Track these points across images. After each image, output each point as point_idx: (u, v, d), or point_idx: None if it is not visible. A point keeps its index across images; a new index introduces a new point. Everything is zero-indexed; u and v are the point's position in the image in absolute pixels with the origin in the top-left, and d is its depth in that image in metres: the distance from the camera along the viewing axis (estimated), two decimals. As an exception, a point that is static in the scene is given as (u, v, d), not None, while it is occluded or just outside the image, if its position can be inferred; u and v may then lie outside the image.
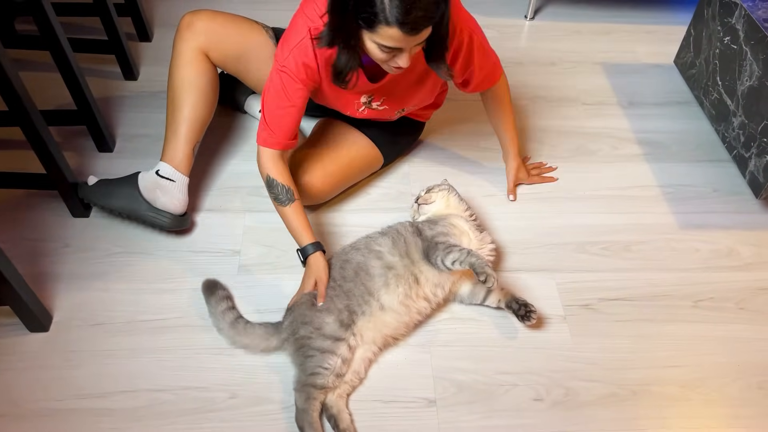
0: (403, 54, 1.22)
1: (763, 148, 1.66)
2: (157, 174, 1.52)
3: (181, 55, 1.55)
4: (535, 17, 2.44)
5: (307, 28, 1.33)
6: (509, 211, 1.72)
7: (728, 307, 1.54)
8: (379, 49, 1.21)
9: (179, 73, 1.55)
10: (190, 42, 1.54)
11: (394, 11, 1.11)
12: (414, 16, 1.12)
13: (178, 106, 1.55)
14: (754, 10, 1.74)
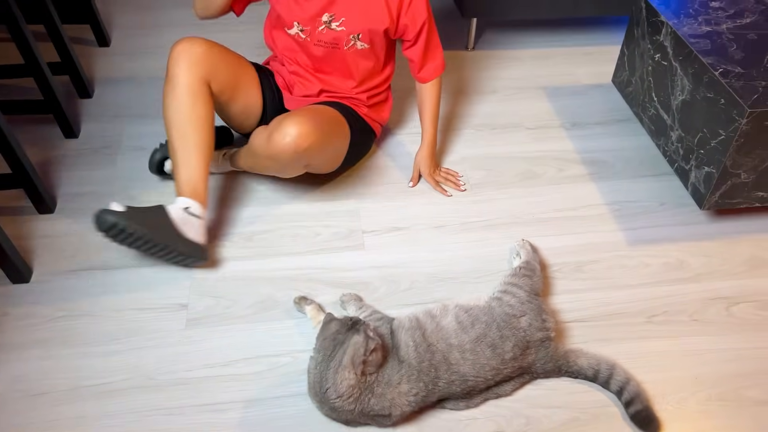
0: None
1: (701, 159, 1.69)
2: (186, 211, 1.50)
3: (184, 85, 1.52)
4: (475, 47, 2.48)
5: None
6: (459, 241, 1.71)
7: (682, 320, 1.55)
8: None
9: (184, 103, 1.52)
10: (193, 71, 1.53)
11: None
12: None
13: (185, 135, 1.53)
14: (680, 27, 1.78)
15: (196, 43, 1.55)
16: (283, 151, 1.51)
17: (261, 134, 1.55)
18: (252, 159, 1.65)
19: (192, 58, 1.53)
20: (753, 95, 1.54)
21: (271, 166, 1.60)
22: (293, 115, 1.52)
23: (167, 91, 1.54)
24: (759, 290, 1.62)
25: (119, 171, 1.87)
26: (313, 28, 1.64)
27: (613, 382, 1.36)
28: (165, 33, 2.47)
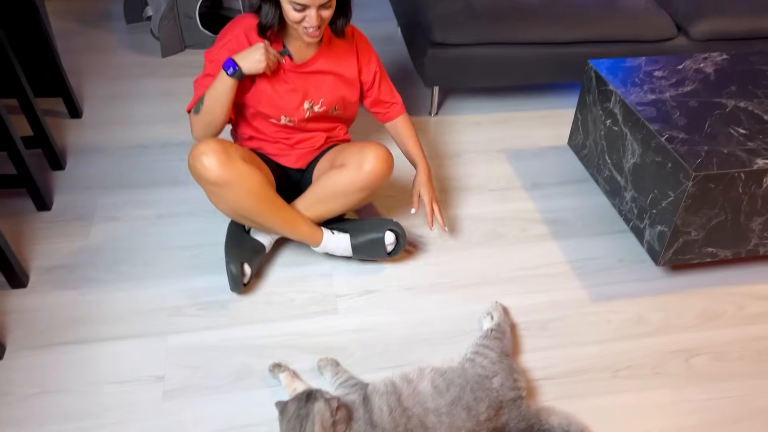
0: (311, 11, 1.51)
1: (654, 218, 1.79)
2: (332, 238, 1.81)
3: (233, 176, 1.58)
4: (438, 113, 2.59)
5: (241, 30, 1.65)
6: (430, 302, 1.77)
7: (645, 373, 1.62)
8: (292, 7, 1.51)
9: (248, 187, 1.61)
10: (229, 162, 1.58)
11: None
12: None
13: (272, 205, 1.68)
14: (627, 96, 1.92)
15: (206, 142, 1.58)
16: (380, 175, 1.72)
17: (346, 173, 1.71)
18: (331, 203, 1.76)
19: (217, 151, 1.57)
20: (697, 159, 1.66)
21: (357, 199, 1.76)
22: (367, 145, 1.72)
23: (221, 194, 1.61)
24: (714, 341, 1.71)
25: (92, 242, 1.89)
26: (299, 117, 1.76)
27: None
28: (135, 103, 2.53)
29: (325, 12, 1.55)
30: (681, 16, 2.55)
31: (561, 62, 2.48)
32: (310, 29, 1.56)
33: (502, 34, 2.38)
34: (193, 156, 1.58)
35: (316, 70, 1.73)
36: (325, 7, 1.54)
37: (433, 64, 2.41)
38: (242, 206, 1.63)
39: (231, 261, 1.70)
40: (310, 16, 1.53)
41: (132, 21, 3.10)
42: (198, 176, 1.59)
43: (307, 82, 1.73)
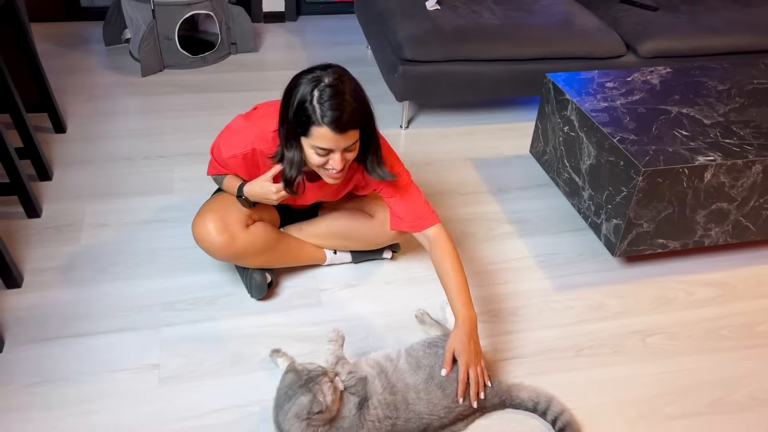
0: (335, 155, 1.43)
1: (609, 213, 1.96)
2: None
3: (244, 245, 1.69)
4: (409, 126, 2.75)
5: (252, 145, 1.58)
6: (407, 294, 1.90)
7: (606, 352, 1.77)
8: (315, 152, 1.43)
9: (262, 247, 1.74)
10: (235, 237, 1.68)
11: (323, 113, 1.36)
12: (338, 114, 1.36)
13: (285, 248, 1.83)
14: (582, 104, 2.10)
15: (205, 223, 1.66)
16: (402, 235, 1.82)
17: (372, 225, 1.82)
18: (350, 242, 1.90)
19: (220, 231, 1.66)
20: (645, 157, 1.84)
21: (374, 246, 1.91)
22: None
23: (234, 261, 1.76)
24: (667, 323, 1.87)
25: (83, 247, 1.98)
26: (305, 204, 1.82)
27: (549, 412, 1.54)
28: (118, 119, 2.63)
29: (349, 155, 1.47)
30: (629, 36, 2.78)
31: (521, 78, 2.67)
32: (333, 172, 1.48)
33: (467, 52, 2.56)
34: (198, 237, 1.68)
35: (331, 184, 1.63)
36: (349, 149, 1.46)
37: (403, 80, 2.57)
38: (254, 263, 1.78)
39: (256, 271, 1.80)
40: (334, 159, 1.44)
41: (110, 43, 3.20)
42: (208, 252, 1.71)
43: (319, 192, 1.73)
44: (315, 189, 1.71)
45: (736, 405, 1.64)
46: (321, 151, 1.43)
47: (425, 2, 2.73)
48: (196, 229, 1.68)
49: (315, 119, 1.37)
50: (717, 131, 2.00)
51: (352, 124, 1.40)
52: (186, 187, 2.26)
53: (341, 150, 1.43)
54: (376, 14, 2.82)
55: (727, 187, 1.91)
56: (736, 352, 1.79)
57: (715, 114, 2.10)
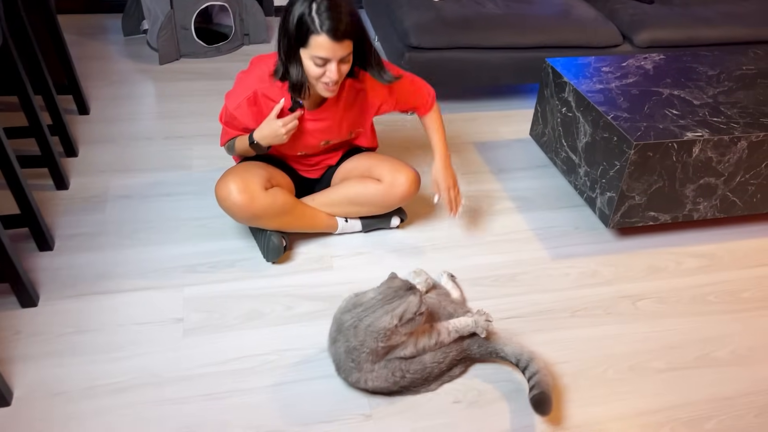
0: (331, 64, 1.60)
1: (603, 187, 2.09)
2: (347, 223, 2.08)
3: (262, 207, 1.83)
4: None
5: (252, 88, 1.75)
6: (414, 262, 2.02)
7: (598, 313, 1.89)
8: (313, 62, 1.60)
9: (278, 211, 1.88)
10: (255, 197, 1.82)
11: (322, 22, 1.54)
12: (335, 24, 1.54)
13: (296, 215, 1.94)
14: (579, 85, 2.23)
15: (228, 183, 1.81)
16: (409, 196, 1.98)
17: (381, 188, 1.96)
18: (359, 208, 2.02)
19: (241, 191, 1.80)
20: (637, 132, 1.96)
21: (382, 210, 2.03)
22: (401, 167, 1.97)
23: (252, 222, 1.88)
24: (657, 289, 1.99)
25: (109, 216, 2.11)
26: (315, 149, 1.97)
27: (528, 369, 1.63)
28: (138, 102, 2.76)
29: (344, 67, 1.63)
30: (626, 26, 2.91)
31: (522, 65, 2.80)
32: (329, 84, 1.64)
33: (470, 40, 2.69)
34: (220, 197, 1.83)
35: (330, 116, 1.85)
36: (344, 60, 1.62)
37: (409, 66, 2.70)
38: (271, 225, 1.91)
39: (273, 234, 1.92)
40: (330, 70, 1.60)
41: (129, 34, 3.35)
42: (229, 213, 1.85)
43: (322, 125, 1.86)
44: (319, 127, 1.86)
45: (720, 360, 1.76)
46: (319, 61, 1.60)
47: (431, -6, 2.86)
48: (219, 190, 1.82)
49: (314, 29, 1.55)
50: (705, 111, 2.12)
51: (347, 33, 1.58)
52: (204, 164, 2.39)
53: (337, 60, 1.60)
54: (384, 5, 2.95)
55: (714, 162, 2.03)
56: (721, 315, 1.91)
57: (705, 96, 2.22)
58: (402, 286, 1.53)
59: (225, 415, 1.52)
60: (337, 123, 1.89)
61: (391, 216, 2.09)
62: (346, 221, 2.06)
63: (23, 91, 2.01)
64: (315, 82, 1.67)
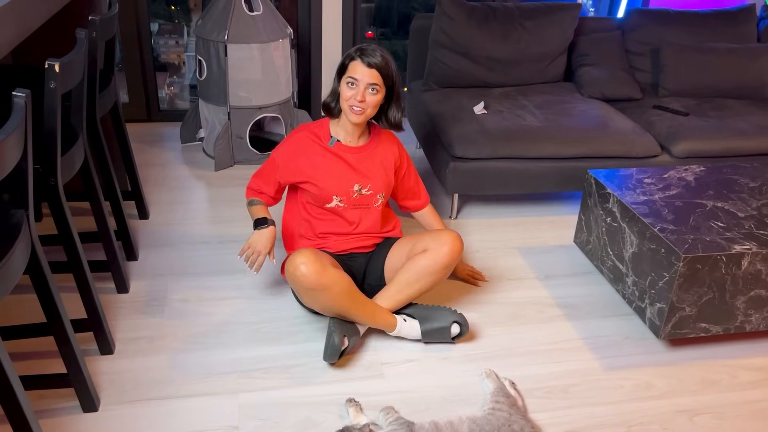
0: (359, 85, 1.96)
1: (653, 297, 2.10)
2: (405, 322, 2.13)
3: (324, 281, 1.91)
4: (457, 216, 2.97)
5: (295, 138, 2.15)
6: (465, 370, 2.03)
7: (655, 428, 1.86)
8: (347, 83, 1.98)
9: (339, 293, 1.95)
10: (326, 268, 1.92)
11: (359, 53, 1.98)
12: (369, 57, 1.96)
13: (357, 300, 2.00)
14: (623, 197, 2.29)
15: (302, 253, 1.92)
16: (458, 252, 2.08)
17: (431, 255, 2.06)
18: (414, 286, 2.07)
19: (313, 261, 1.90)
20: (685, 245, 2.00)
21: (439, 279, 2.09)
22: (441, 231, 2.14)
23: (317, 297, 1.94)
24: (713, 404, 1.95)
25: (167, 319, 2.18)
26: (348, 198, 2.11)
27: None
28: (194, 207, 2.90)
29: (370, 97, 1.98)
30: (663, 137, 3.00)
31: (562, 174, 2.89)
32: (355, 107, 1.97)
33: (512, 150, 2.80)
34: (292, 266, 1.91)
35: (367, 156, 2.13)
36: (372, 90, 1.97)
37: (453, 175, 2.81)
38: (334, 305, 1.96)
39: (336, 331, 1.96)
40: (358, 91, 1.95)
41: (186, 141, 3.55)
42: (297, 283, 1.93)
43: (357, 165, 2.11)
44: (355, 168, 2.11)
45: (786, 482, 1.70)
46: (350, 80, 1.97)
47: (473, 108, 3.02)
48: (289, 266, 1.93)
49: (351, 57, 1.99)
50: (751, 223, 2.16)
51: (378, 67, 1.96)
52: (257, 268, 2.47)
53: (365, 83, 1.95)
54: (428, 117, 3.11)
55: (764, 274, 2.04)
56: (784, 432, 1.86)
57: (749, 208, 2.26)
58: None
59: None
60: (369, 170, 2.13)
61: (451, 322, 2.08)
62: (405, 321, 2.09)
63: (96, 199, 2.15)
64: (346, 108, 2.00)
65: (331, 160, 2.10)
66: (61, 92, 1.68)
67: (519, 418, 1.72)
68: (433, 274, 2.07)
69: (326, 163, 2.10)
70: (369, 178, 2.13)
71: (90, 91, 2.13)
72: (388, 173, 2.18)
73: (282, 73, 3.25)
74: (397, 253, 2.18)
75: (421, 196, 2.38)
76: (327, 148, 2.10)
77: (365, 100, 1.97)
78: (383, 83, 1.99)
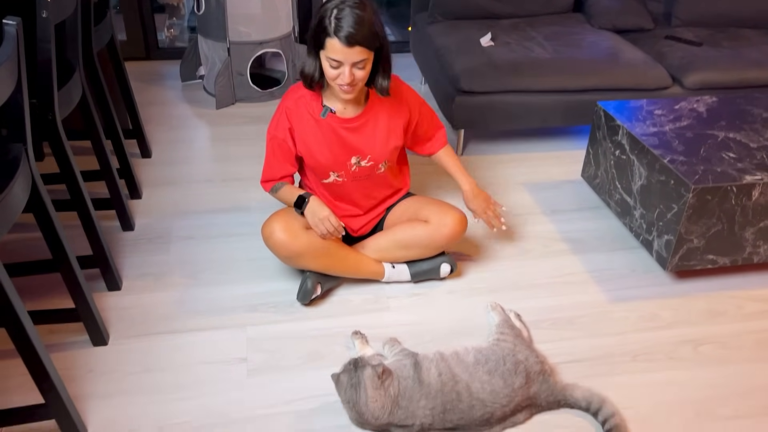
0: (344, 68, 1.67)
1: (660, 230, 2.08)
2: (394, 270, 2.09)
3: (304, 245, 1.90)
4: (463, 153, 2.92)
5: (284, 108, 1.88)
6: (470, 303, 2.04)
7: (660, 358, 1.87)
8: (329, 64, 1.69)
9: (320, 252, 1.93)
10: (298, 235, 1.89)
11: (336, 27, 1.63)
12: (349, 30, 1.62)
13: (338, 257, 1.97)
14: (633, 128, 2.24)
15: (273, 222, 1.90)
16: (457, 236, 2.01)
17: (429, 229, 1.99)
18: (408, 251, 2.04)
19: (284, 230, 1.88)
20: (695, 176, 1.96)
21: (431, 252, 2.05)
22: (448, 208, 2.02)
23: (294, 262, 1.93)
24: (718, 334, 1.96)
25: (173, 256, 2.18)
26: (346, 172, 1.95)
27: (601, 413, 1.64)
28: (197, 146, 2.87)
29: (358, 72, 1.70)
30: (675, 69, 2.92)
31: (571, 108, 2.83)
32: (344, 86, 1.72)
33: (520, 83, 2.74)
34: (268, 230, 1.90)
35: (364, 126, 1.89)
36: (359, 66, 1.69)
37: (459, 110, 2.76)
38: (313, 267, 1.95)
39: (309, 278, 1.96)
40: (344, 73, 1.68)
41: (186, 80, 3.49)
42: (272, 249, 1.92)
43: (354, 138, 1.89)
44: (353, 139, 1.89)
45: (789, 409, 1.72)
46: (333, 63, 1.67)
47: (480, 40, 2.93)
48: (264, 230, 1.91)
49: (329, 31, 1.64)
50: (763, 154, 2.11)
51: (361, 41, 1.64)
52: (261, 205, 2.46)
53: (350, 64, 1.67)
54: (434, 51, 3.03)
55: (774, 205, 2.02)
56: (788, 361, 1.87)
57: (761, 138, 2.22)
58: (350, 376, 1.57)
59: (291, 456, 1.54)
60: (368, 140, 1.91)
61: (440, 264, 2.10)
62: (393, 267, 2.08)
63: (97, 137, 2.12)
64: (332, 84, 1.75)
65: (324, 134, 1.88)
66: (54, 22, 1.63)
67: (524, 348, 1.73)
68: (426, 248, 2.03)
69: (318, 138, 1.88)
70: (368, 149, 1.92)
71: (85, 23, 2.07)
72: (393, 139, 1.95)
73: (282, 7, 3.15)
74: (401, 210, 2.09)
75: (435, 139, 2.14)
76: (318, 120, 1.86)
77: (354, 80, 1.71)
78: (370, 50, 1.70)
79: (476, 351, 1.71)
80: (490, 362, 1.66)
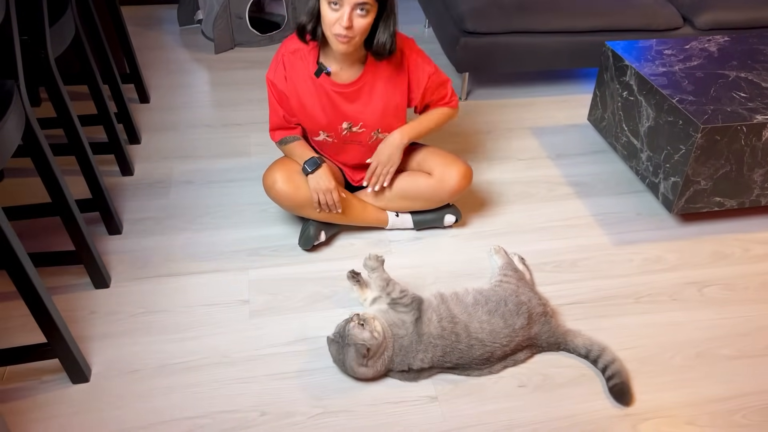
0: (345, 9, 1.54)
1: (667, 172, 2.05)
2: None
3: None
4: (468, 98, 2.87)
5: (281, 54, 1.80)
6: (473, 246, 2.02)
7: (663, 300, 1.86)
8: (329, 6, 1.56)
9: None
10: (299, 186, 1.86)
11: None
12: None
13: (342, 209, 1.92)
14: (641, 69, 2.18)
15: (273, 172, 1.87)
16: (460, 191, 1.94)
17: (432, 182, 1.93)
18: (412, 202, 1.99)
19: (285, 180, 1.85)
20: (704, 116, 1.92)
21: (434, 205, 2.01)
22: (454, 160, 1.94)
23: (296, 211, 1.92)
24: (722, 276, 1.95)
25: (173, 201, 2.16)
26: (336, 134, 1.88)
27: (600, 360, 1.63)
28: (196, 91, 2.82)
29: (358, 20, 1.57)
30: (686, 8, 2.83)
31: (578, 49, 2.76)
32: (341, 36, 1.58)
33: (526, 24, 2.66)
34: (270, 180, 1.87)
35: (358, 93, 1.79)
36: (360, 12, 1.56)
37: (464, 52, 2.69)
38: (316, 216, 1.93)
39: (312, 224, 1.95)
40: (342, 16, 1.55)
41: (184, 24, 3.41)
42: (273, 199, 1.90)
43: (348, 103, 1.80)
44: (346, 106, 1.81)
45: (792, 349, 1.72)
46: (333, 5, 1.55)
47: (485, -22, 2.83)
48: (265, 179, 1.87)
49: None
50: (775, 93, 2.06)
51: None
52: (262, 151, 2.43)
53: (353, 3, 1.54)
54: (437, -9, 2.94)
55: (785, 145, 1.97)
56: (793, 303, 1.86)
57: (774, 78, 2.15)
58: (337, 350, 1.56)
59: (293, 394, 1.55)
60: (363, 107, 1.82)
61: (444, 214, 2.07)
62: (397, 216, 2.05)
63: (93, 80, 2.07)
64: (330, 34, 1.61)
65: (317, 94, 1.79)
66: (43, -45, 1.57)
67: (527, 290, 1.72)
68: (428, 200, 1.98)
69: (311, 95, 1.79)
70: (361, 116, 1.83)
71: (76, -40, 2.00)
72: (393, 109, 1.84)
73: (281, -54, 3.05)
74: (405, 156, 1.95)
75: (444, 97, 1.95)
76: (312, 78, 1.77)
77: (352, 26, 1.57)
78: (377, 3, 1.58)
79: (476, 292, 1.70)
80: (490, 303, 1.65)
